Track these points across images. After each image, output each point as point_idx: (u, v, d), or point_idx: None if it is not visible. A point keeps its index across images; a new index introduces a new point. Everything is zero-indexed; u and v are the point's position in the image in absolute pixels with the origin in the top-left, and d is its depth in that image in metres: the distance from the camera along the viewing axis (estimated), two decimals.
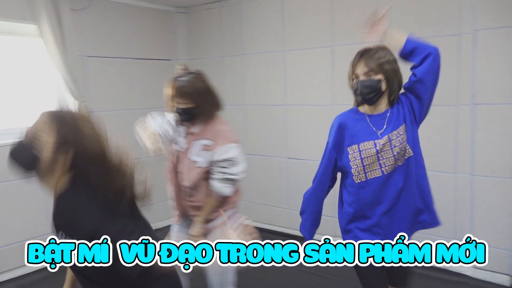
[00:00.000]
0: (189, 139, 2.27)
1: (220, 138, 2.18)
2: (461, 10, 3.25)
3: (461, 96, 3.33)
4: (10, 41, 3.80)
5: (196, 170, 2.21)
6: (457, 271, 3.50)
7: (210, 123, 2.23)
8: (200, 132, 2.23)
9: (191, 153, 2.24)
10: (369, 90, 1.86)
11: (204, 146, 2.20)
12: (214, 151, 2.17)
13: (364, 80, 1.87)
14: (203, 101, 2.17)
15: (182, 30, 5.01)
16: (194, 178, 2.22)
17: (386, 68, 1.84)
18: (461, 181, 3.41)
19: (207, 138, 2.20)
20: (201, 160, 2.20)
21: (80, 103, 3.92)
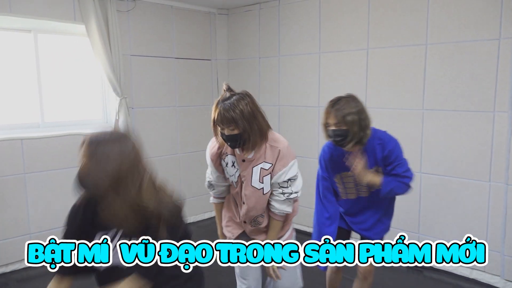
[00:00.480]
0: (246, 166, 2.09)
1: (280, 160, 2.04)
2: (502, 14, 3.15)
3: (498, 103, 3.23)
4: (60, 40, 4.08)
5: (264, 198, 2.10)
6: (488, 282, 3.40)
7: (263, 144, 2.06)
8: (257, 157, 2.06)
9: (253, 180, 2.07)
10: (340, 138, 2.29)
11: (265, 170, 2.06)
12: (275, 174, 2.05)
13: (335, 130, 2.29)
14: (250, 124, 1.95)
15: (222, 31, 5.16)
16: (264, 205, 2.13)
17: (348, 120, 2.25)
18: (495, 190, 3.30)
19: (266, 161, 2.05)
20: (266, 186, 2.08)
21: (122, 99, 4.15)
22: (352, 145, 2.33)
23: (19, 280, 3.58)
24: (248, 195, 2.09)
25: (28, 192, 3.76)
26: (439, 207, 3.61)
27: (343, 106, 2.27)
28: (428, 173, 3.65)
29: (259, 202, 2.10)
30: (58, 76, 4.08)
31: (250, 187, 2.07)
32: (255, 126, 1.95)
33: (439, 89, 3.52)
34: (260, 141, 2.01)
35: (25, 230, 3.76)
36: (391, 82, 3.81)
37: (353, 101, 2.31)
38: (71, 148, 4.00)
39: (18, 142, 3.68)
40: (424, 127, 3.64)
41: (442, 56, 3.47)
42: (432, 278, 3.58)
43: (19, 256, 3.74)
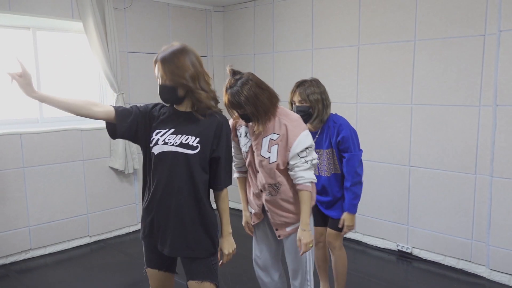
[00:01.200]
0: (256, 137, 2.26)
1: (291, 132, 2.19)
2: (487, 11, 3.24)
3: (484, 97, 3.32)
4: (58, 37, 4.18)
5: (271, 167, 2.23)
6: (474, 272, 3.50)
7: (273, 118, 2.23)
8: (266, 129, 2.22)
9: (263, 150, 2.24)
10: (302, 114, 2.50)
11: (273, 140, 2.22)
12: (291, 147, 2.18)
13: (298, 106, 2.57)
14: (256, 106, 2.14)
15: (218, 28, 5.25)
16: (273, 174, 2.24)
17: (311, 99, 2.54)
18: (480, 182, 3.40)
19: (274, 132, 2.21)
20: (272, 155, 2.21)
21: (119, 95, 4.24)
22: (315, 122, 2.57)
23: (18, 271, 3.68)
24: (258, 164, 2.28)
25: (27, 186, 3.86)
26: (427, 199, 3.71)
27: (307, 87, 2.56)
28: (416, 166, 3.75)
29: (267, 170, 2.25)
30: (57, 73, 4.18)
31: (260, 156, 2.25)
32: (260, 107, 2.17)
33: (427, 84, 3.61)
34: (267, 117, 2.21)
35: (24, 223, 3.86)
36: (381, 77, 3.90)
37: (316, 83, 2.60)
38: (69, 143, 4.10)
39: (17, 137, 3.77)
40: (413, 121, 3.73)
41: (430, 52, 3.57)
42: (421, 268, 3.68)
43: (19, 247, 3.84)
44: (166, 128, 1.90)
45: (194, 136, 1.87)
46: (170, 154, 1.86)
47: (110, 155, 4.37)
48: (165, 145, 1.87)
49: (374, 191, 4.04)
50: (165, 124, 1.92)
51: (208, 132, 1.89)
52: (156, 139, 1.89)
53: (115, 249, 4.17)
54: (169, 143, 1.87)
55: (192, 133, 1.87)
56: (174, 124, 1.91)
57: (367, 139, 4.04)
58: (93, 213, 4.31)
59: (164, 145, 1.87)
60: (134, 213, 4.65)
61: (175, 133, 1.88)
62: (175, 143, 1.86)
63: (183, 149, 1.85)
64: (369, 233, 4.16)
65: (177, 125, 1.90)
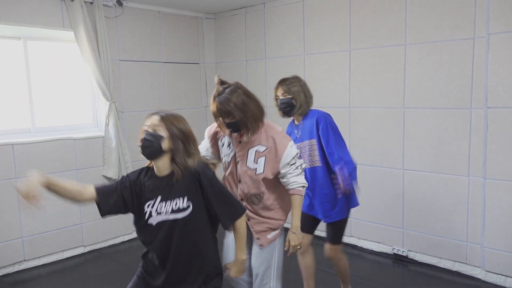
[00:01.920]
0: (242, 148, 2.28)
1: (280, 143, 2.24)
2: (475, 14, 3.28)
3: (475, 100, 3.35)
4: (50, 47, 4.16)
5: (257, 178, 2.25)
6: (470, 274, 3.51)
7: (259, 130, 2.26)
8: (252, 139, 2.25)
9: (249, 161, 2.26)
10: (285, 106, 2.68)
11: (260, 152, 2.25)
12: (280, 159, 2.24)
13: (282, 99, 2.70)
14: (245, 113, 2.17)
15: (209, 35, 5.26)
16: (257, 185, 2.27)
17: (293, 90, 2.68)
18: (474, 184, 3.42)
19: (261, 144, 2.25)
20: (259, 167, 2.25)
21: (112, 103, 4.23)
22: (298, 113, 2.72)
23: (12, 283, 3.64)
24: (242, 174, 2.28)
25: (20, 197, 3.80)
26: (422, 202, 3.72)
27: (289, 81, 2.71)
28: (410, 169, 3.76)
29: (252, 181, 2.26)
30: (48, 82, 4.16)
31: (245, 167, 2.26)
32: (249, 114, 2.18)
33: (419, 87, 3.64)
34: (256, 125, 2.22)
35: (17, 234, 3.82)
36: (373, 81, 3.92)
37: (296, 78, 2.75)
38: (62, 152, 4.07)
39: (9, 147, 3.75)
40: (405, 125, 3.76)
41: (421, 55, 3.60)
42: (417, 271, 3.68)
43: (13, 259, 3.80)
44: (154, 198, 1.90)
45: (181, 196, 1.88)
46: (166, 222, 1.88)
47: (104, 164, 4.35)
48: (159, 215, 1.88)
49: (369, 195, 4.05)
50: (152, 193, 1.91)
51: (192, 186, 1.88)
52: (149, 212, 1.90)
53: (110, 259, 4.14)
54: (162, 212, 1.88)
55: (178, 195, 1.88)
56: (159, 191, 1.90)
57: (360, 143, 4.05)
58: (87, 223, 4.27)
59: (158, 215, 1.88)
60: (129, 222, 4.61)
61: (162, 200, 1.89)
62: (167, 211, 1.87)
63: (176, 215, 1.87)
64: (364, 237, 4.16)
65: (162, 191, 1.89)
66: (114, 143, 4.27)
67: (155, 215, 1.88)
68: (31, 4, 3.78)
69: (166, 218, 1.87)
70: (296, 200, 2.29)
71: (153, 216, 1.88)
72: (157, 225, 1.88)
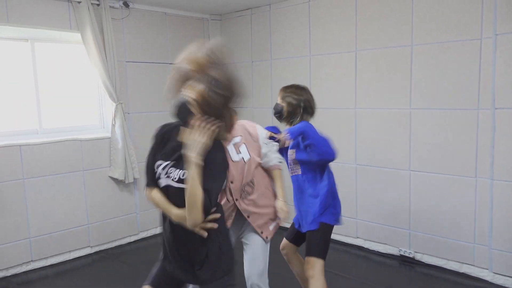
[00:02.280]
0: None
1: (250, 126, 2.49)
2: (483, 15, 3.26)
3: (482, 101, 3.33)
4: (57, 48, 4.19)
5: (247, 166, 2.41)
6: (477, 275, 3.48)
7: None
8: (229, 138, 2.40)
9: (232, 156, 2.38)
10: (275, 111, 2.72)
11: (238, 143, 2.42)
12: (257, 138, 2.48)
13: (276, 104, 2.72)
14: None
15: (215, 37, 5.26)
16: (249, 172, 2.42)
17: (288, 100, 2.65)
18: (481, 185, 3.40)
19: (234, 136, 2.41)
20: (244, 155, 2.42)
21: (118, 105, 4.24)
22: (284, 122, 2.71)
23: (19, 283, 3.66)
24: (231, 169, 2.37)
25: (27, 197, 3.85)
26: (428, 203, 3.71)
27: (290, 89, 2.69)
28: (416, 170, 3.75)
29: (242, 172, 2.40)
30: (55, 83, 4.19)
31: (231, 162, 2.37)
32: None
33: (425, 88, 3.62)
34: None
35: (25, 234, 3.84)
36: (379, 82, 3.91)
37: (299, 90, 2.68)
38: (69, 153, 4.10)
39: (17, 148, 3.77)
40: (412, 126, 3.74)
41: (427, 56, 3.58)
42: (424, 273, 3.66)
43: (20, 259, 3.82)
44: (167, 161, 1.84)
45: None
46: (171, 188, 1.81)
47: (110, 164, 4.37)
48: (167, 178, 1.82)
49: (375, 196, 4.04)
50: (166, 155, 1.85)
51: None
52: (158, 173, 1.85)
53: (116, 259, 4.15)
54: (170, 177, 1.81)
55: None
56: (175, 156, 1.82)
57: (366, 145, 4.04)
58: (94, 224, 4.29)
59: (167, 179, 1.83)
60: (135, 223, 4.63)
61: (175, 166, 1.81)
62: (174, 178, 1.79)
63: (181, 185, 1.77)
64: (370, 238, 4.14)
65: (178, 157, 1.81)
66: (121, 144, 4.29)
67: (164, 177, 1.83)
68: (38, 6, 3.81)
69: (171, 184, 1.80)
70: (277, 173, 2.54)
71: (162, 178, 1.83)
72: (163, 189, 1.84)
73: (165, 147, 1.87)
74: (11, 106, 3.96)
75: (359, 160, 4.11)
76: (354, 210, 4.21)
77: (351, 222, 4.24)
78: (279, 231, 2.65)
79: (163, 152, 1.86)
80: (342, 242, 4.33)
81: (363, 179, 4.12)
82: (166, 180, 1.82)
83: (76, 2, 3.98)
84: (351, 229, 4.25)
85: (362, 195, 4.14)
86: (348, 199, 4.21)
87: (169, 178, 1.81)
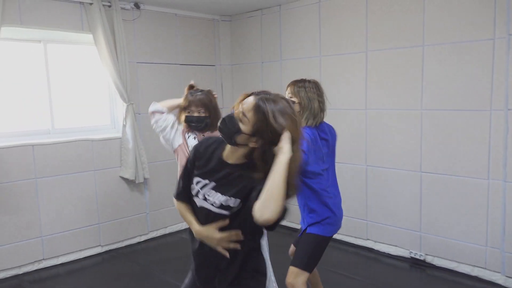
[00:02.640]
0: None
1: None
2: (495, 14, 3.22)
3: (495, 102, 3.28)
4: (69, 49, 4.24)
5: None
6: (489, 279, 3.44)
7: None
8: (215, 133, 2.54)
9: None
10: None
11: None
12: None
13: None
14: (214, 113, 2.61)
15: (225, 37, 5.28)
16: None
17: (301, 95, 2.44)
18: (493, 187, 3.35)
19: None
20: None
21: (129, 105, 4.28)
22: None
23: (31, 281, 3.70)
24: None
25: (39, 196, 3.90)
26: (440, 205, 3.67)
27: (300, 83, 2.50)
28: (428, 172, 3.71)
29: None
30: (67, 84, 4.23)
31: None
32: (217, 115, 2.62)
33: (437, 89, 3.59)
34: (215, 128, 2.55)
35: (37, 233, 3.89)
36: (390, 83, 3.88)
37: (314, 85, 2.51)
38: (80, 153, 4.14)
39: (29, 148, 3.82)
40: (423, 127, 3.70)
41: (439, 57, 3.55)
42: (435, 275, 3.62)
43: (32, 257, 3.87)
44: (206, 179, 1.68)
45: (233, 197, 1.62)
46: (209, 213, 1.66)
47: (121, 165, 4.40)
48: (204, 201, 1.68)
49: (385, 198, 4.01)
50: (206, 173, 1.69)
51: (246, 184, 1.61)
52: (196, 190, 1.71)
53: (126, 259, 4.18)
54: (208, 200, 1.66)
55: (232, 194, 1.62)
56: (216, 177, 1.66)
57: (377, 146, 4.02)
58: (104, 223, 4.33)
59: (204, 201, 1.68)
60: (145, 223, 4.66)
61: (215, 189, 1.65)
62: (215, 203, 1.64)
63: (224, 211, 1.63)
64: (381, 240, 4.11)
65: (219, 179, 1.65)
66: (131, 144, 4.32)
67: (201, 198, 1.68)
68: (51, 8, 3.86)
69: (211, 209, 1.65)
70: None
71: (199, 198, 1.69)
72: (200, 209, 1.70)
73: (207, 164, 1.70)
74: (24, 106, 4.01)
75: (370, 161, 4.09)
76: (364, 212, 4.18)
77: (361, 224, 4.22)
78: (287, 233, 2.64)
79: (204, 169, 1.70)
80: (352, 243, 4.30)
81: (374, 180, 4.09)
82: (203, 202, 1.68)
83: (88, 3, 4.02)
84: (361, 231, 4.23)
85: (372, 196, 4.12)
86: (358, 201, 4.19)
87: (207, 201, 1.66)
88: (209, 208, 1.66)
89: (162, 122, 2.76)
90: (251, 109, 1.53)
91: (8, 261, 3.74)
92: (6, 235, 3.72)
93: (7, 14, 3.59)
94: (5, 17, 3.56)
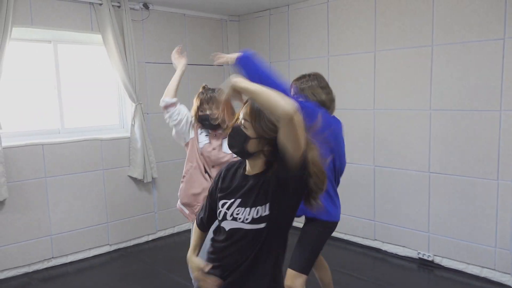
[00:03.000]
0: (218, 138, 2.67)
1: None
2: (505, 14, 3.20)
3: (504, 102, 3.26)
4: (78, 49, 4.27)
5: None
6: (498, 280, 3.41)
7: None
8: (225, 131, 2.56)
9: (224, 147, 2.60)
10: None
11: None
12: None
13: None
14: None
15: (234, 38, 5.29)
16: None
17: (306, 93, 2.45)
18: (503, 188, 3.33)
19: None
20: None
21: (137, 105, 4.30)
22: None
23: (41, 279, 3.74)
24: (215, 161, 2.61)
25: (49, 195, 3.93)
26: (448, 205, 3.65)
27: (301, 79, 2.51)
28: (436, 172, 3.69)
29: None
30: (77, 84, 4.27)
31: (222, 153, 2.61)
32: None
33: (446, 89, 3.57)
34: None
35: (46, 232, 3.93)
36: (398, 83, 3.87)
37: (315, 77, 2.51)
38: (89, 153, 4.17)
39: (39, 147, 3.86)
40: (432, 127, 3.69)
41: (448, 56, 3.53)
42: (443, 276, 3.60)
43: (42, 256, 3.91)
44: (232, 198, 1.63)
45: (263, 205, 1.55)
46: (245, 233, 1.57)
47: (129, 164, 4.43)
48: (234, 221, 1.60)
49: (394, 198, 3.99)
50: (231, 194, 1.64)
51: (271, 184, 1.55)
52: (223, 212, 1.64)
53: (134, 258, 4.21)
54: (239, 219, 1.58)
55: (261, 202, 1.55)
56: (241, 193, 1.61)
57: (385, 146, 4.00)
58: (113, 222, 4.36)
59: (234, 221, 1.60)
60: (153, 222, 4.69)
61: (242, 205, 1.59)
62: (246, 219, 1.56)
63: (255, 225, 1.55)
64: (389, 241, 4.10)
65: (244, 193, 1.60)
66: (140, 144, 4.34)
67: (229, 219, 1.61)
68: (61, 9, 3.90)
69: (242, 227, 1.57)
70: None
71: (228, 220, 1.62)
72: (230, 232, 1.61)
73: (231, 184, 1.67)
74: (34, 106, 4.05)
75: (378, 161, 4.08)
76: (372, 212, 4.17)
77: (369, 224, 4.21)
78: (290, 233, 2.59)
79: (228, 190, 1.66)
80: (359, 244, 4.29)
81: (381, 180, 4.08)
82: (233, 223, 1.60)
83: (98, 4, 4.05)
84: (369, 231, 4.21)
85: (380, 197, 4.10)
86: (366, 201, 4.18)
87: (237, 221, 1.58)
88: (241, 227, 1.57)
89: (176, 116, 2.77)
90: (248, 111, 1.56)
91: (18, 259, 3.79)
92: (16, 233, 3.76)
93: (18, 15, 3.63)
94: (16, 18, 3.60)
